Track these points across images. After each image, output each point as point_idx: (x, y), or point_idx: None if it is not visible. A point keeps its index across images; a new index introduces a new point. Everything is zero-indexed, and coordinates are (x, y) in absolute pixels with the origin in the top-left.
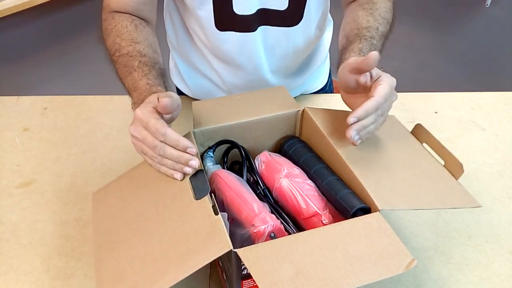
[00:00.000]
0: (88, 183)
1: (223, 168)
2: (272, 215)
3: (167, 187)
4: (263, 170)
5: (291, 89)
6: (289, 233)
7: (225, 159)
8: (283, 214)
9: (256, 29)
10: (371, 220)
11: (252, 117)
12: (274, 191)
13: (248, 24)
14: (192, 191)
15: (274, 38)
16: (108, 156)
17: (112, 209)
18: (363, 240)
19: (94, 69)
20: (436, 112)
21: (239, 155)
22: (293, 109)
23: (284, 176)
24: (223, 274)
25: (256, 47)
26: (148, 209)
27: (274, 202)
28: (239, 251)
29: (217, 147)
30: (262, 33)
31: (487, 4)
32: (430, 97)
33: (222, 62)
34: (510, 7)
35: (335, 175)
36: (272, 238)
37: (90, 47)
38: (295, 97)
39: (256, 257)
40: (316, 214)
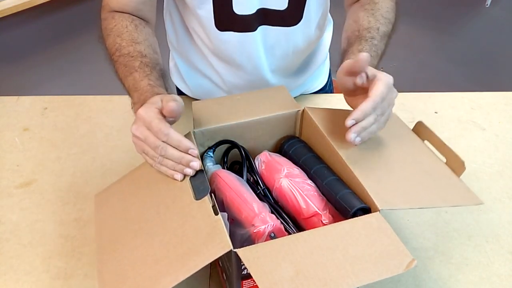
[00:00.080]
0: (88, 183)
1: (223, 168)
2: (272, 215)
3: (168, 187)
4: (263, 170)
5: (291, 89)
6: (289, 233)
7: (225, 159)
8: (283, 214)
9: (256, 29)
10: (371, 220)
11: (252, 117)
12: (274, 191)
13: (248, 24)
14: (192, 191)
15: (274, 38)
16: (108, 156)
17: (114, 211)
18: (363, 240)
19: (94, 69)
20: (436, 112)
21: (239, 155)
22: (293, 109)
23: (284, 176)
24: (223, 274)
25: (256, 47)
26: (149, 210)
27: (274, 202)
28: (239, 251)
29: (217, 147)
30: (262, 33)
31: (487, 4)
32: (430, 97)
33: (222, 62)
34: (510, 7)
35: (335, 175)
36: (272, 238)
37: (90, 47)
38: (295, 97)
39: (256, 257)
40: (316, 214)
